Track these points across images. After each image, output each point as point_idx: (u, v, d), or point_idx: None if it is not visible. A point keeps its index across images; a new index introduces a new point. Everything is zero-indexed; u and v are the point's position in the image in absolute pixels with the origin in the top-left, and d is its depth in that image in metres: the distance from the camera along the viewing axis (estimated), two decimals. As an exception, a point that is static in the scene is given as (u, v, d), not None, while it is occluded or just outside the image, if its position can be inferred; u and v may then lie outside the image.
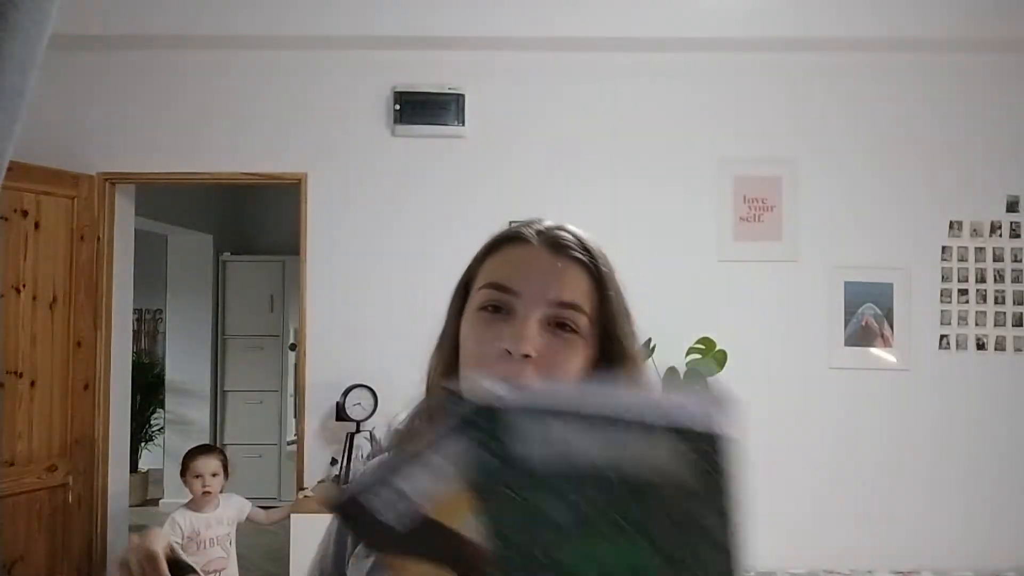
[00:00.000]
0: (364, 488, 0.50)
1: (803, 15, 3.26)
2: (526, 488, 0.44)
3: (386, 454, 0.87)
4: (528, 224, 0.80)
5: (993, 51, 3.35)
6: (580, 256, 0.77)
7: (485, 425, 0.45)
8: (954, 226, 3.37)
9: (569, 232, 0.79)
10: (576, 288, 0.75)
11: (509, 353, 0.72)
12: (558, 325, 0.74)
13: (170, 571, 0.70)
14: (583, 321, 0.75)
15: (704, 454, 0.43)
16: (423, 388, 0.83)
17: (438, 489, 0.49)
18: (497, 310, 0.75)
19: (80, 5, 3.14)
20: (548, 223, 0.81)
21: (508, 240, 0.79)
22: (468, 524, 0.48)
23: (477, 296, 0.77)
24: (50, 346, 3.19)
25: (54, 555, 3.17)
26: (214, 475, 2.96)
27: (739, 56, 3.39)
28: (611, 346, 0.77)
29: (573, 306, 0.75)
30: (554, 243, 0.77)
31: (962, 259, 3.36)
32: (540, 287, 0.74)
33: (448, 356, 0.80)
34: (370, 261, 3.38)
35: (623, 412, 0.44)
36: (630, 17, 3.27)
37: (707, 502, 0.43)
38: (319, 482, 3.30)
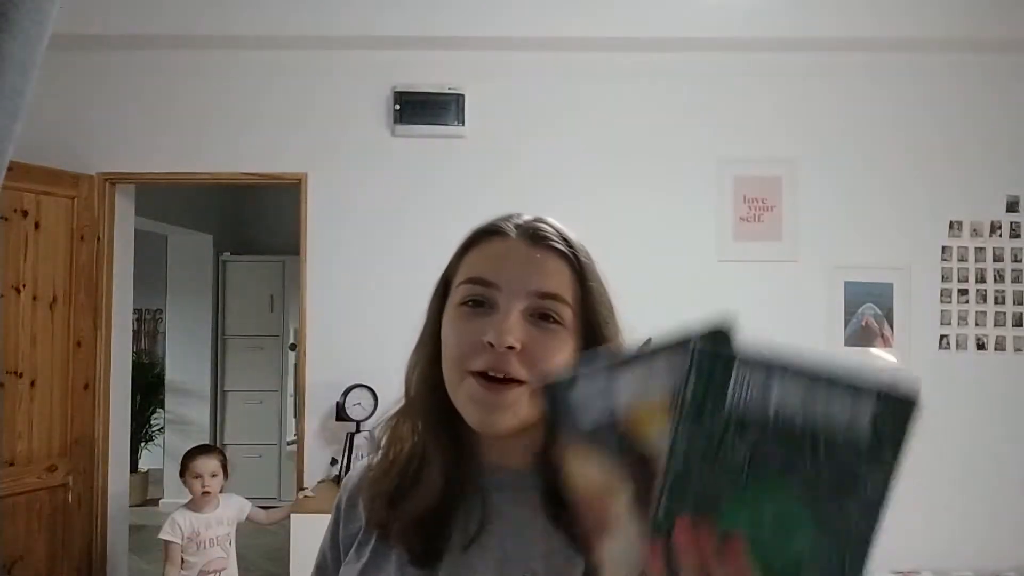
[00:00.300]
0: (579, 374, 0.53)
1: (802, 15, 3.26)
2: (720, 425, 0.47)
3: (368, 457, 0.87)
4: (507, 218, 0.79)
5: (993, 51, 3.35)
6: (560, 247, 0.76)
7: (713, 357, 0.47)
8: (954, 226, 3.37)
9: (548, 224, 0.78)
10: (557, 279, 0.74)
11: (492, 346, 0.71)
12: (541, 316, 0.73)
13: None
14: (566, 312, 0.74)
15: (895, 417, 0.46)
16: (403, 388, 0.82)
17: (645, 394, 0.50)
18: (478, 304, 0.74)
19: (80, 5, 3.14)
20: (527, 216, 0.79)
21: (486, 234, 0.78)
22: (654, 438, 0.50)
23: (457, 292, 0.76)
24: (50, 346, 3.20)
25: (54, 555, 3.17)
26: (213, 475, 2.95)
27: (739, 56, 3.39)
28: (594, 337, 0.75)
29: (555, 296, 0.74)
30: (533, 235, 0.76)
31: (962, 259, 3.36)
32: (520, 279, 0.73)
33: (429, 354, 0.79)
34: (370, 261, 3.38)
35: (832, 372, 0.47)
36: (630, 17, 3.27)
37: (875, 466, 0.47)
38: (319, 482, 3.30)
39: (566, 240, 0.77)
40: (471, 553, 0.75)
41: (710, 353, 0.48)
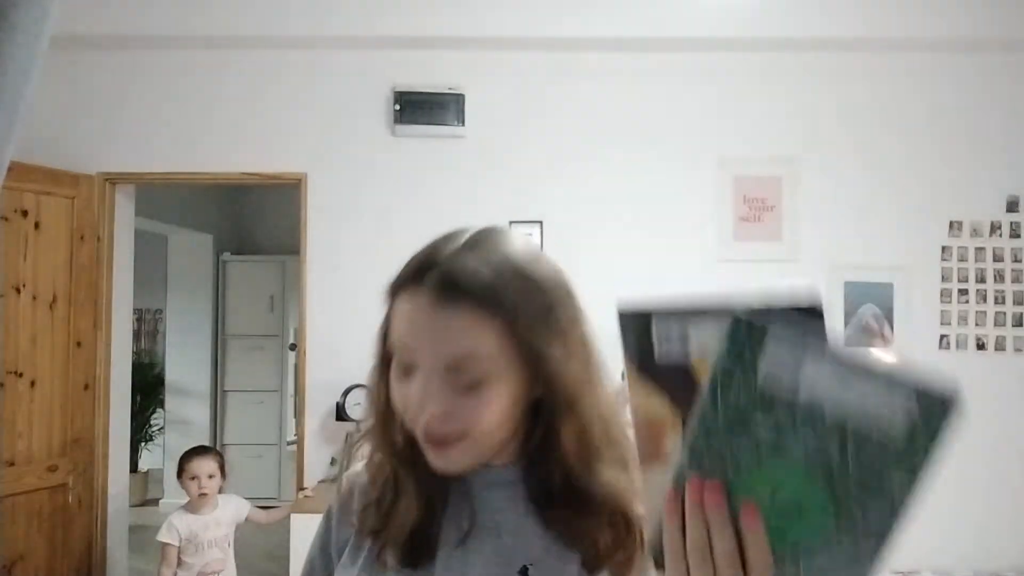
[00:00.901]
0: (659, 309, 0.55)
1: (802, 15, 3.26)
2: (746, 396, 0.48)
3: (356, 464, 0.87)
4: (433, 251, 0.75)
5: (993, 51, 3.35)
6: (473, 294, 0.70)
7: (748, 328, 0.48)
8: (954, 226, 3.37)
9: (467, 263, 0.71)
10: (469, 336, 0.69)
11: None
12: (461, 376, 0.70)
13: None
14: (486, 366, 0.70)
15: (931, 417, 0.45)
16: (362, 430, 0.83)
17: (708, 347, 0.52)
18: (407, 368, 0.72)
19: (80, 5, 3.14)
20: (453, 246, 0.74)
21: (406, 283, 0.74)
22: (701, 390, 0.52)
23: (392, 350, 0.75)
24: (50, 346, 3.19)
25: (54, 555, 3.17)
26: (210, 476, 2.94)
27: (739, 56, 3.39)
28: (536, 360, 0.71)
29: (469, 356, 0.69)
30: (446, 285, 0.71)
31: (962, 259, 3.36)
32: (432, 345, 0.70)
33: (382, 391, 0.78)
34: (370, 261, 3.38)
35: (869, 364, 0.46)
36: (630, 17, 3.27)
37: (905, 465, 0.45)
38: (319, 482, 3.30)
39: (482, 282, 0.70)
40: (466, 550, 0.75)
41: (746, 323, 0.48)
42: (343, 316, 3.37)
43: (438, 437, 0.71)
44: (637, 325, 0.55)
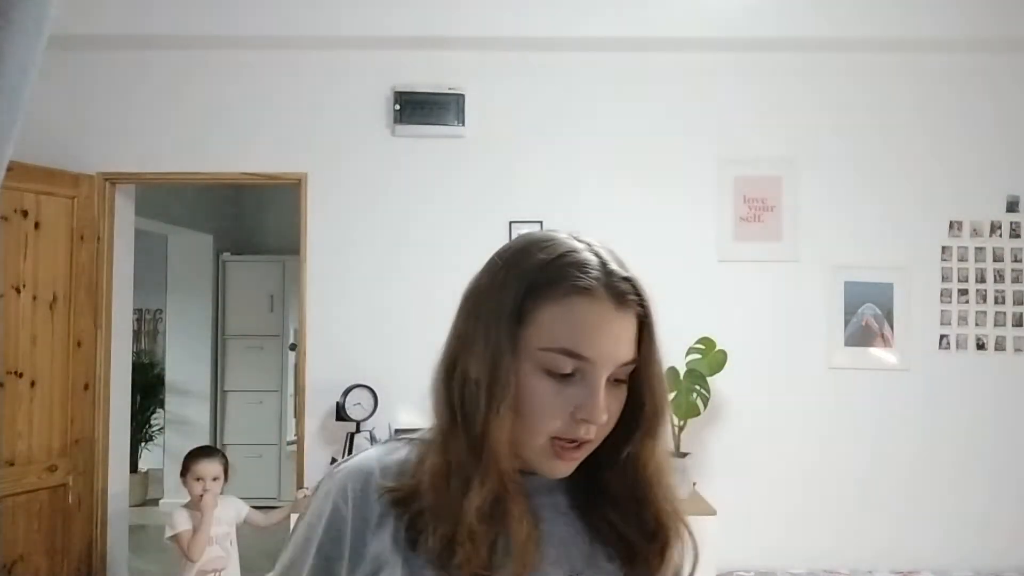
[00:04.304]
0: None
1: (802, 15, 3.26)
2: None
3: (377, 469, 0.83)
4: (584, 265, 0.74)
5: (993, 51, 3.35)
6: (638, 308, 0.76)
7: None
8: (954, 226, 3.37)
9: (627, 276, 0.77)
10: (633, 343, 0.75)
11: (584, 421, 0.72)
12: (615, 380, 0.75)
13: None
14: (630, 370, 0.76)
15: None
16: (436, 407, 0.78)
17: None
18: (567, 375, 0.73)
19: (80, 5, 3.14)
20: (604, 254, 0.78)
21: (575, 291, 0.73)
22: None
23: (544, 357, 0.72)
24: (50, 346, 3.19)
25: (54, 555, 3.17)
26: (215, 479, 2.94)
27: (738, 56, 3.39)
28: (645, 375, 0.77)
29: (631, 362, 0.75)
30: (619, 296, 0.74)
31: (962, 259, 3.35)
32: (612, 353, 0.73)
33: (513, 404, 0.73)
34: (370, 261, 3.38)
35: None
36: (630, 17, 3.27)
37: None
38: (319, 482, 3.29)
39: (639, 292, 0.77)
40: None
41: None
42: (343, 316, 3.36)
43: (586, 440, 0.74)
44: None
